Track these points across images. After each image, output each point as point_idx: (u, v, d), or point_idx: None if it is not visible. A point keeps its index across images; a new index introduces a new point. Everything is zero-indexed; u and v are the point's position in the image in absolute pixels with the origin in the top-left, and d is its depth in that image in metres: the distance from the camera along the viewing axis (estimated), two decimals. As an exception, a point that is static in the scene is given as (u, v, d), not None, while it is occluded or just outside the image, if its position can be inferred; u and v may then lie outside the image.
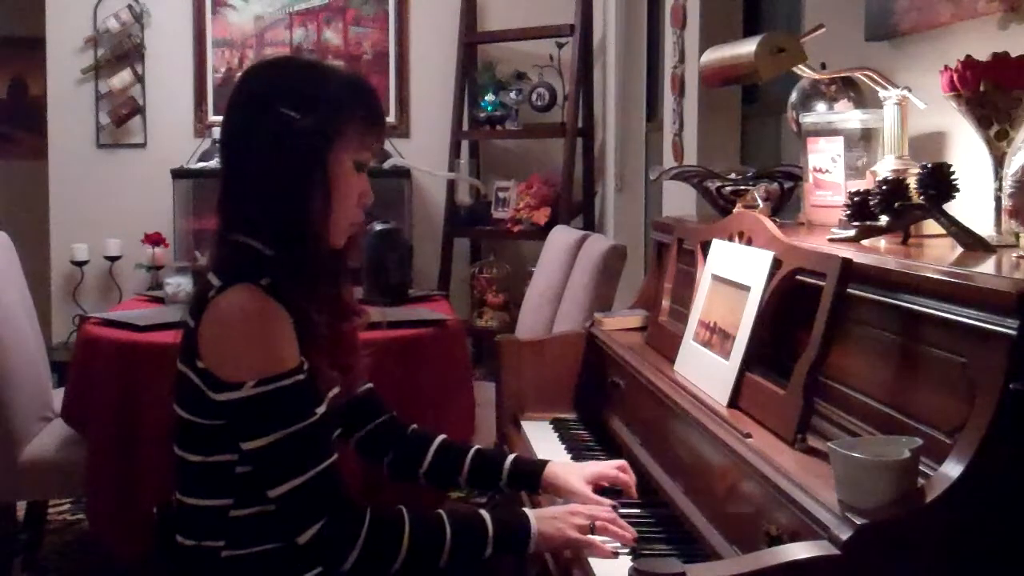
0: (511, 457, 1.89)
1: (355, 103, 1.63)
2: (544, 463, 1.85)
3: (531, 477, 1.84)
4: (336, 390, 1.70)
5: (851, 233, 1.71)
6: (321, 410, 1.59)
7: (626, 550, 1.60)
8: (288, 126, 1.57)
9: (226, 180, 1.66)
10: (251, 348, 1.54)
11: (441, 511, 1.62)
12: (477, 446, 1.91)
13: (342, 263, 1.73)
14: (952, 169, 1.58)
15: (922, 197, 1.59)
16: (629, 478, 1.82)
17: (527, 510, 1.66)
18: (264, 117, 1.59)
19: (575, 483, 1.79)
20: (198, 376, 1.56)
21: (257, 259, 1.59)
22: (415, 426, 1.93)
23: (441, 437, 1.91)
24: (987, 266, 1.44)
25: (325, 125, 1.59)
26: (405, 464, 1.89)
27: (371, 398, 1.91)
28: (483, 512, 1.63)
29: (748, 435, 1.50)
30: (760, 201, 2.19)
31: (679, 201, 3.37)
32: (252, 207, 1.61)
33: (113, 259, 5.20)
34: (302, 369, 1.56)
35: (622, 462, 1.87)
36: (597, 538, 1.61)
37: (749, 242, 1.82)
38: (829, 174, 2.03)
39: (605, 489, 1.81)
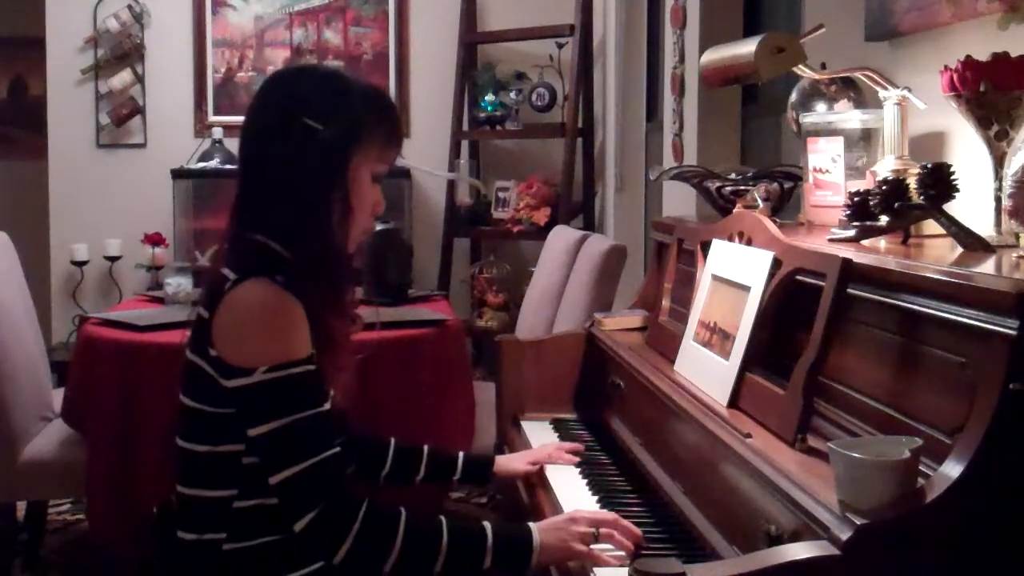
0: (463, 452, 2.05)
1: (376, 117, 1.68)
2: (494, 455, 2.07)
3: (482, 467, 2.03)
4: (332, 392, 1.71)
5: (851, 233, 1.71)
6: (327, 404, 1.61)
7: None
8: (311, 137, 1.61)
9: (245, 181, 1.69)
10: (265, 335, 1.57)
11: (441, 516, 1.62)
12: (428, 445, 2.02)
13: (350, 268, 1.76)
14: (952, 169, 1.57)
15: (922, 197, 1.59)
16: (566, 456, 2.02)
17: (530, 523, 1.64)
18: (288, 126, 1.63)
19: (518, 465, 2.02)
20: (210, 364, 1.59)
21: (274, 258, 1.63)
22: (368, 435, 2.01)
23: (395, 441, 1.99)
24: (987, 266, 1.44)
25: (347, 138, 1.63)
26: (368, 472, 1.96)
27: (343, 417, 1.92)
28: (485, 522, 1.63)
29: (748, 435, 1.50)
30: (760, 201, 2.19)
31: (679, 201, 3.37)
32: (271, 211, 1.65)
33: (113, 259, 5.20)
34: (313, 360, 1.59)
35: (562, 444, 2.10)
36: (600, 546, 1.59)
37: (749, 242, 1.82)
38: (829, 174, 2.03)
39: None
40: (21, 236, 3.43)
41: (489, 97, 5.11)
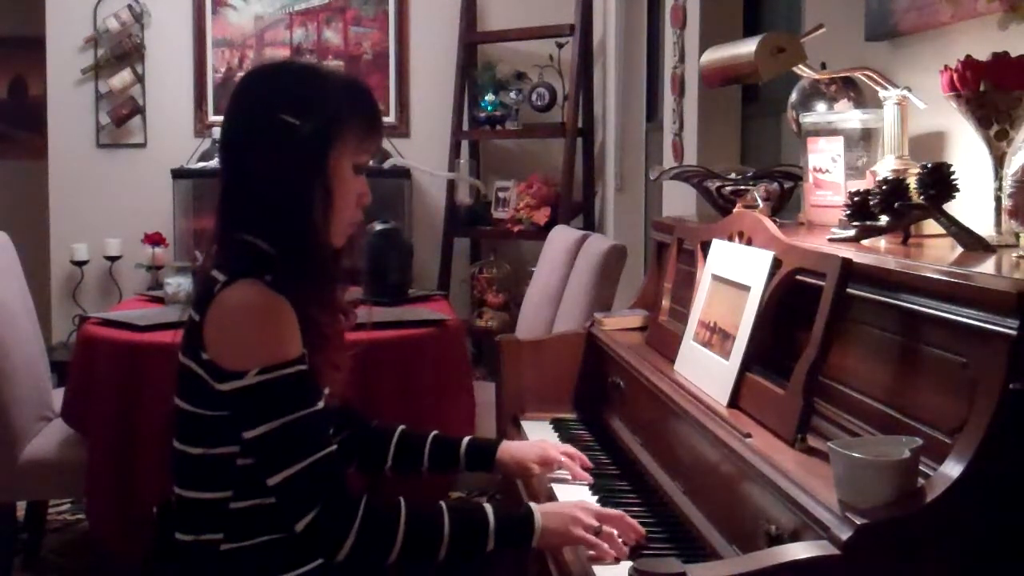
0: (467, 438, 1.97)
1: (354, 108, 1.67)
2: (498, 442, 1.97)
3: (486, 456, 1.94)
4: (327, 390, 1.71)
5: (851, 233, 1.71)
6: (321, 403, 1.62)
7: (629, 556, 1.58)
8: (289, 133, 1.60)
9: (227, 182, 1.69)
10: (255, 338, 1.57)
11: (442, 503, 1.62)
12: (435, 432, 1.98)
13: (337, 263, 1.75)
14: (952, 169, 1.58)
15: (922, 197, 1.59)
16: (573, 463, 1.93)
17: (532, 504, 1.66)
18: (265, 124, 1.63)
19: (528, 459, 1.92)
20: (202, 368, 1.59)
21: (261, 257, 1.62)
22: (376, 422, 1.99)
23: (400, 428, 1.97)
24: (987, 266, 1.44)
25: (325, 131, 1.62)
26: (371, 462, 1.96)
27: (346, 409, 1.93)
28: (485, 505, 1.63)
29: (748, 435, 1.50)
30: (760, 201, 2.19)
31: (679, 201, 3.37)
32: (255, 209, 1.64)
33: (113, 259, 5.20)
34: (304, 360, 1.59)
35: (568, 447, 1.99)
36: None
37: (749, 242, 1.82)
38: (829, 174, 2.03)
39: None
40: (21, 236, 3.43)
41: (489, 97, 5.11)
